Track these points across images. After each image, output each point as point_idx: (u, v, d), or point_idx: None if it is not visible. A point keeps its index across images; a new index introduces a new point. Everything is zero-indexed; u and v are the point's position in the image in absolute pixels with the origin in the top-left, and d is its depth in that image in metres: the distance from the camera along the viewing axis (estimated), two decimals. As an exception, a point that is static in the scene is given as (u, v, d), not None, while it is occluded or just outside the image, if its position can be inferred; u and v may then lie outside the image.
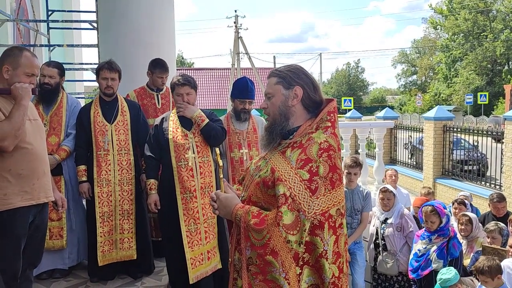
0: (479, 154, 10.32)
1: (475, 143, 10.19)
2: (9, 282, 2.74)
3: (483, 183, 9.55)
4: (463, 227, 4.46)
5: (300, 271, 1.79)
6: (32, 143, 2.80)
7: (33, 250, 2.92)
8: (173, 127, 3.64)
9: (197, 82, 3.81)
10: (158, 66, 4.48)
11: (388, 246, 4.38)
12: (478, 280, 3.61)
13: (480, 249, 4.24)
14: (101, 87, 4.02)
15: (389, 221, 4.40)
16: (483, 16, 38.75)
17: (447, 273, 3.64)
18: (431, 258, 4.05)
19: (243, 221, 1.86)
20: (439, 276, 3.69)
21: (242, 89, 4.04)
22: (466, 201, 5.36)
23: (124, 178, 3.98)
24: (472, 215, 4.59)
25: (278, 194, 1.80)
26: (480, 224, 4.70)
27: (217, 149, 2.29)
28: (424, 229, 4.25)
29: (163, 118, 3.75)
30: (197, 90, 3.80)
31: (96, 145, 3.94)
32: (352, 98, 28.84)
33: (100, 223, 3.91)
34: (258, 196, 1.93)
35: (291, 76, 1.96)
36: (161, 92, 4.63)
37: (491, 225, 4.33)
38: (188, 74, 3.87)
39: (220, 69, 36.03)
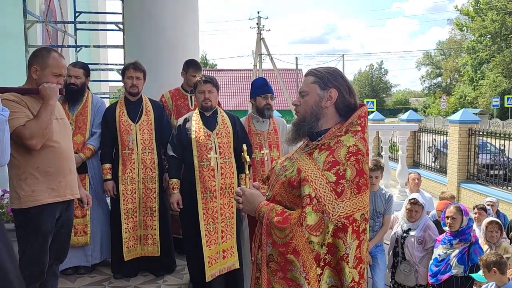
0: (505, 159, 10.09)
1: (502, 147, 9.97)
2: (37, 276, 2.82)
3: (509, 188, 9.33)
4: (493, 233, 4.37)
5: (321, 271, 1.79)
6: (59, 141, 2.87)
7: (59, 245, 3.00)
8: (196, 127, 3.68)
9: (219, 83, 3.87)
10: (191, 65, 4.60)
11: (407, 257, 4.32)
12: None
13: (508, 255, 4.15)
14: (126, 86, 4.11)
15: (411, 232, 4.32)
16: (511, 17, 37.83)
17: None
18: (451, 263, 3.98)
19: (266, 217, 1.86)
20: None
21: (261, 85, 4.13)
22: (488, 207, 5.27)
23: (148, 176, 4.05)
24: (499, 222, 4.51)
25: (304, 194, 1.79)
26: (504, 232, 4.61)
27: (244, 146, 2.24)
28: (445, 233, 4.18)
29: (185, 118, 3.80)
30: (219, 91, 3.85)
31: (121, 144, 4.02)
32: (374, 100, 28.46)
33: (125, 219, 4.00)
34: (283, 195, 1.93)
35: (328, 78, 1.95)
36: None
37: None
38: (210, 74, 3.93)
39: (242, 70, 36.16)
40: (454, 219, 4.02)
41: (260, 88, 4.10)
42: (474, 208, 5.16)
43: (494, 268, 3.44)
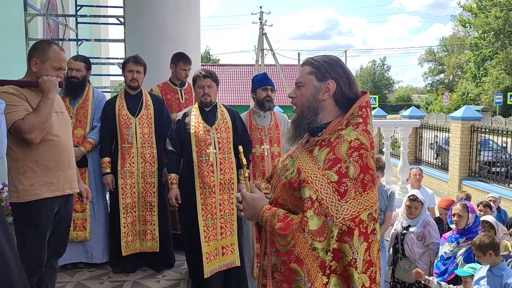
0: (507, 156, 10.06)
1: (504, 144, 9.93)
2: (35, 270, 2.81)
3: (511, 185, 9.31)
4: (486, 232, 4.34)
5: (327, 280, 1.65)
6: (58, 135, 2.85)
7: (58, 239, 2.99)
8: (195, 122, 3.66)
9: (220, 78, 3.85)
10: (181, 58, 4.57)
11: (407, 253, 4.31)
12: None
13: (506, 252, 4.13)
14: (126, 79, 4.09)
15: (411, 229, 4.30)
16: (515, 14, 37.62)
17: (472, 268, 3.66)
18: (457, 261, 3.96)
19: (269, 224, 1.73)
20: (466, 267, 3.72)
21: (262, 78, 4.14)
22: (492, 204, 5.23)
23: (147, 170, 4.03)
24: (492, 219, 4.49)
25: (304, 197, 1.66)
26: (505, 228, 4.58)
27: (240, 147, 2.13)
28: (451, 231, 4.16)
29: (185, 113, 3.78)
30: (220, 86, 3.83)
31: (120, 137, 4.00)
32: (377, 96, 28.32)
33: (124, 214, 3.98)
34: (285, 198, 1.79)
35: (326, 68, 1.79)
36: (183, 88, 4.70)
37: None
38: (212, 70, 3.90)
39: (243, 65, 36.10)
40: (460, 216, 3.99)
41: (260, 81, 4.10)
42: (478, 205, 5.13)
43: (490, 251, 3.47)
